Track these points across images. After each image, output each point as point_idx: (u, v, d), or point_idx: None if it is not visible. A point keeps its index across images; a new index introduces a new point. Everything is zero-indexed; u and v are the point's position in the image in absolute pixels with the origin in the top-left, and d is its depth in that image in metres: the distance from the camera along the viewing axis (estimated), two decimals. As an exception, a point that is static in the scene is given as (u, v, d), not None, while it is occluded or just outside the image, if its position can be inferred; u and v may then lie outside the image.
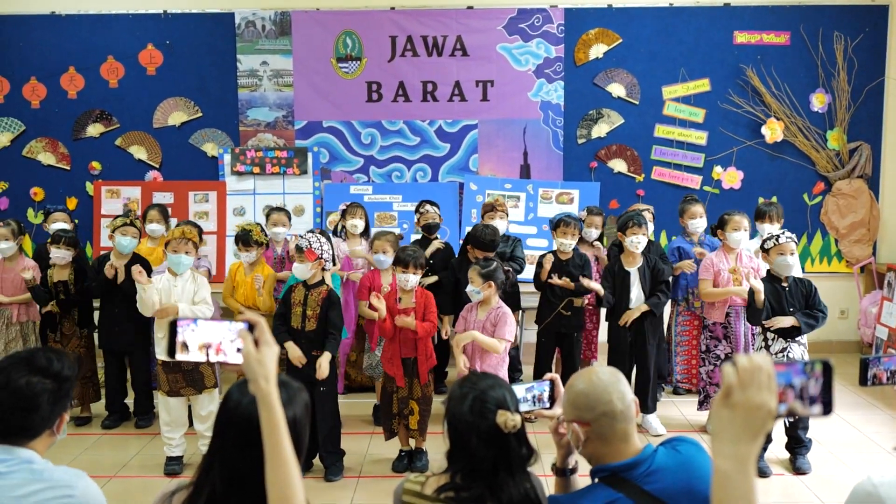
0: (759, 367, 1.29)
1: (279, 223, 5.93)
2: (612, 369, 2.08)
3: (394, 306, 4.59)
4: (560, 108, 7.19)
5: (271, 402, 1.56)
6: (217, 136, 7.26)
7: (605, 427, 1.98)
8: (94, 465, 4.80)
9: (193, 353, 1.63)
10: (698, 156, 7.20)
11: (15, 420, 2.00)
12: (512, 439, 1.99)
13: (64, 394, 2.07)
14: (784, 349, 4.55)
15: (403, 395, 4.61)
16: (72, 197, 7.28)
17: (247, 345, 1.57)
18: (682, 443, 2.05)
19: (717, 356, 5.21)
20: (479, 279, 4.43)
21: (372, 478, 4.62)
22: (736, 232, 5.11)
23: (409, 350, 4.60)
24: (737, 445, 1.29)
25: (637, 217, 5.16)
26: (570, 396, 2.04)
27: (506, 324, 4.44)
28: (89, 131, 7.27)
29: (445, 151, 7.24)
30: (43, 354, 2.06)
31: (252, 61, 7.19)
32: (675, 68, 7.15)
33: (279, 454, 1.55)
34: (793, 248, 4.52)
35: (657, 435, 5.11)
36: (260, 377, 1.56)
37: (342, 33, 7.17)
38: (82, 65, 7.22)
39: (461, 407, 2.02)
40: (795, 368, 1.33)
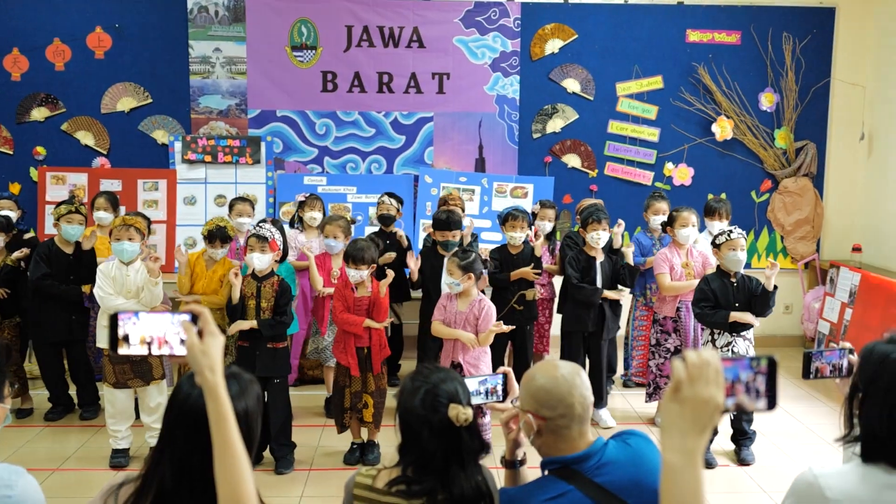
0: (708, 362, 1.31)
1: (244, 213, 5.80)
2: (573, 366, 2.09)
3: (349, 295, 4.56)
4: (515, 103, 7.21)
5: (218, 393, 1.53)
6: (168, 122, 7.12)
7: (561, 425, 2.00)
8: (35, 458, 4.70)
9: (135, 347, 1.59)
10: (650, 152, 7.29)
11: None
12: (464, 432, 1.99)
13: None
14: (729, 343, 4.64)
15: (357, 389, 4.58)
16: (15, 182, 7.07)
17: (190, 336, 1.54)
18: (632, 436, 2.07)
19: (666, 349, 5.29)
20: (458, 271, 4.38)
21: (323, 470, 4.59)
22: (684, 228, 5.19)
23: (364, 340, 4.56)
24: (685, 439, 1.31)
25: (596, 213, 5.21)
26: (531, 389, 2.04)
27: (491, 317, 4.42)
28: (34, 115, 7.06)
29: (401, 143, 7.21)
30: None
31: (204, 47, 7.06)
32: (628, 65, 7.23)
33: (228, 446, 1.52)
34: (743, 244, 4.61)
35: (607, 427, 5.18)
36: (205, 368, 1.53)
37: (297, 21, 7.08)
38: (27, 45, 7.00)
39: (413, 400, 2.02)
40: (742, 364, 1.35)
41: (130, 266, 4.63)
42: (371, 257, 4.56)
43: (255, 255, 4.48)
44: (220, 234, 5.00)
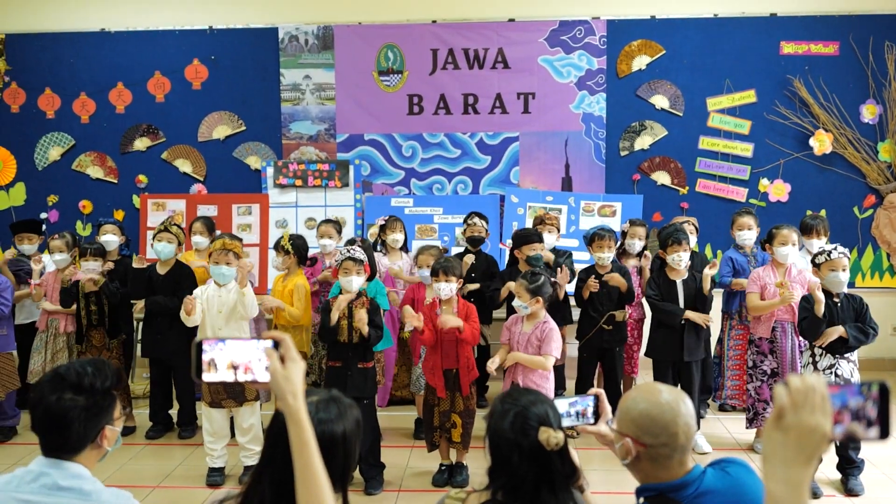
0: (813, 388, 1.24)
1: (326, 235, 5.92)
2: (677, 391, 2.01)
3: (434, 318, 4.57)
4: (602, 120, 7.13)
5: (300, 418, 1.56)
6: (260, 149, 7.35)
7: (662, 454, 1.92)
8: (138, 475, 4.85)
9: (221, 373, 1.64)
10: (744, 168, 7.07)
11: (52, 438, 2.02)
12: (554, 457, 1.95)
13: (100, 408, 2.04)
14: (832, 365, 4.42)
15: (445, 409, 4.58)
16: (119, 210, 7.42)
17: (273, 362, 1.58)
18: (732, 464, 1.99)
19: (763, 371, 5.09)
20: (526, 294, 4.36)
21: (412, 492, 4.59)
22: (783, 246, 5.00)
23: (451, 361, 4.55)
24: (789, 469, 1.24)
25: (676, 234, 5.06)
26: (633, 414, 1.97)
27: (552, 340, 4.38)
28: (136, 145, 7.41)
29: (486, 164, 7.22)
30: (76, 368, 2.04)
31: (295, 75, 7.27)
32: (719, 79, 7.05)
33: (309, 471, 1.55)
34: (845, 264, 4.40)
35: (703, 453, 5.01)
36: (287, 394, 1.56)
37: (384, 47, 7.21)
38: (130, 80, 7.37)
39: (502, 423, 1.99)
40: (851, 390, 1.28)
41: (224, 287, 4.79)
42: (459, 271, 4.58)
43: (353, 277, 4.54)
44: (275, 246, 5.32)
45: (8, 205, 7.49)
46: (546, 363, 4.35)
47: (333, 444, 1.75)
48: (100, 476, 2.06)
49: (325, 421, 1.75)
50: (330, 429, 1.75)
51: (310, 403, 1.73)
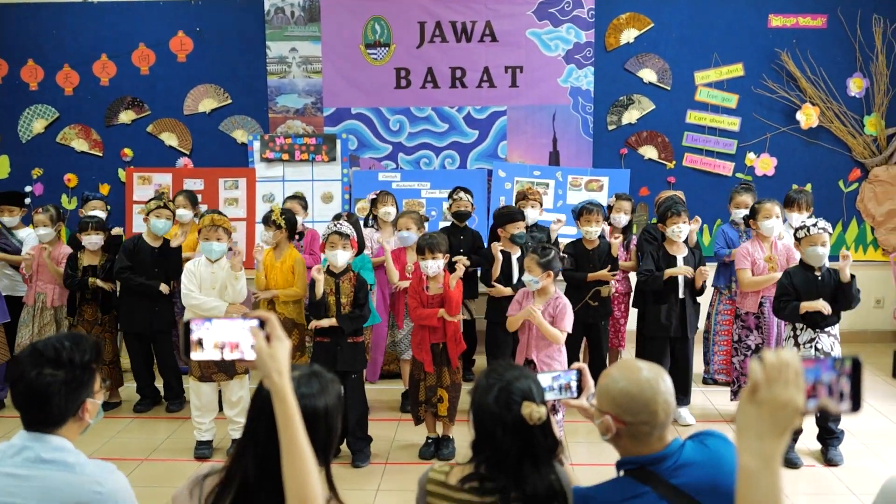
0: (787, 363, 1.26)
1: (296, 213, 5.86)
2: (656, 368, 2.02)
3: (422, 294, 4.58)
4: (590, 94, 7.12)
5: (285, 395, 1.58)
6: (247, 122, 7.30)
7: (642, 431, 1.95)
8: (124, 449, 4.88)
9: (209, 352, 1.66)
10: (731, 142, 7.09)
11: (33, 412, 2.03)
12: (537, 431, 1.97)
13: (80, 382, 2.05)
14: (812, 339, 4.47)
15: (432, 383, 4.60)
16: (104, 183, 7.38)
17: (259, 341, 1.61)
18: (710, 437, 2.02)
19: (747, 346, 5.14)
20: (537, 268, 4.31)
21: (399, 464, 4.64)
22: (767, 220, 5.03)
23: (439, 335, 4.57)
24: (762, 442, 1.27)
25: (675, 206, 5.06)
26: (612, 392, 1.99)
27: (566, 315, 4.34)
28: (121, 118, 7.35)
29: (474, 138, 7.21)
30: (54, 343, 2.05)
31: (281, 48, 7.21)
32: (707, 53, 7.05)
33: (295, 447, 1.58)
34: (825, 239, 4.42)
35: (686, 425, 5.07)
36: (273, 371, 1.59)
37: (371, 19, 7.15)
38: (114, 52, 7.30)
39: (486, 398, 2.01)
40: (825, 365, 1.30)
41: (216, 263, 4.79)
42: (444, 247, 4.58)
43: (338, 252, 4.54)
44: (264, 218, 5.19)
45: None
46: (559, 336, 4.33)
47: (315, 418, 1.77)
48: (87, 449, 2.08)
49: (306, 396, 1.77)
50: (312, 403, 1.77)
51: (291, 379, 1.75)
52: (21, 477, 1.98)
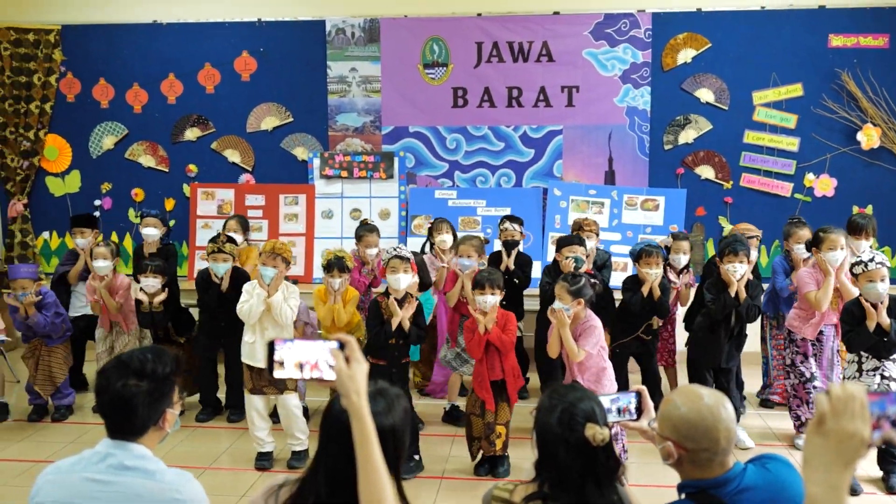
0: (853, 395, 1.30)
1: (372, 245, 5.86)
2: (718, 395, 2.05)
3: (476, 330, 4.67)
4: (646, 114, 7.13)
5: (363, 415, 1.67)
6: (307, 140, 7.48)
7: (703, 458, 1.98)
8: (188, 457, 5.02)
9: (289, 370, 1.75)
10: (789, 162, 7.02)
11: (118, 421, 2.15)
12: (600, 452, 2.02)
13: (162, 393, 2.17)
14: (877, 368, 4.40)
15: (490, 420, 4.61)
16: (170, 198, 7.62)
17: (339, 362, 1.69)
18: (772, 461, 2.04)
19: (801, 373, 5.09)
20: (567, 296, 4.39)
21: (454, 479, 4.69)
22: (832, 251, 4.86)
23: (497, 372, 4.62)
24: (829, 473, 1.31)
25: (734, 245, 4.92)
26: (674, 419, 2.02)
27: (591, 335, 4.40)
28: (187, 135, 7.59)
29: (530, 157, 7.27)
30: (139, 355, 2.17)
31: (341, 67, 7.38)
32: (766, 73, 7.00)
33: (371, 464, 1.65)
34: (884, 274, 4.29)
35: (745, 448, 5.03)
36: (351, 392, 1.67)
37: (429, 39, 7.28)
38: (181, 71, 7.55)
39: (550, 418, 2.06)
40: (890, 398, 1.34)
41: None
42: (499, 284, 4.65)
43: (400, 275, 4.67)
44: (339, 265, 5.07)
45: (63, 192, 7.73)
46: (577, 352, 4.37)
47: (383, 436, 1.82)
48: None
49: (375, 414, 1.81)
50: (379, 421, 1.82)
51: None
52: (105, 483, 2.09)
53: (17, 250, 7.63)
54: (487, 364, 4.62)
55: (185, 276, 7.18)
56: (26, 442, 5.36)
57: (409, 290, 4.78)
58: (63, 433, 5.51)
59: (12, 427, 5.65)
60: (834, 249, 4.87)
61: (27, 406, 5.83)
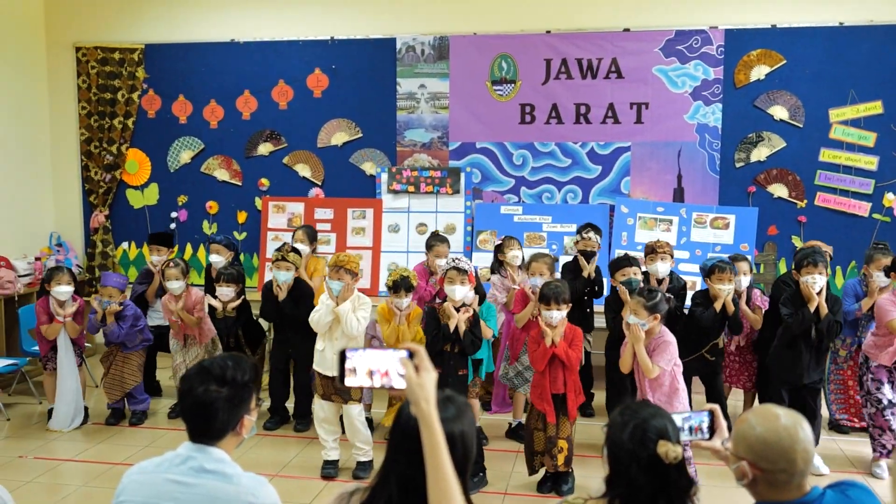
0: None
1: (442, 255, 5.84)
2: (795, 416, 2.02)
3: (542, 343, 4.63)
4: (717, 131, 7.02)
5: (432, 422, 1.69)
6: (375, 155, 7.60)
7: (780, 479, 1.95)
8: (256, 463, 5.10)
9: (361, 378, 1.79)
10: (867, 181, 6.82)
11: (199, 424, 2.22)
12: (672, 470, 2.00)
13: (241, 399, 2.24)
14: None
15: (552, 434, 4.60)
16: (242, 211, 7.83)
17: (408, 371, 1.72)
18: (852, 487, 1.99)
19: (878, 400, 4.93)
20: (644, 311, 4.36)
21: (518, 495, 4.68)
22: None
23: (559, 386, 4.60)
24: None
25: (813, 255, 4.85)
26: (750, 439, 2.00)
27: (664, 352, 4.37)
28: (260, 150, 7.80)
29: (597, 173, 7.23)
30: (219, 363, 2.25)
31: (411, 84, 7.49)
32: (843, 90, 6.83)
33: (440, 471, 1.67)
34: None
35: (819, 475, 4.88)
36: (421, 399, 1.70)
37: (498, 56, 7.33)
38: (256, 88, 7.77)
39: (622, 435, 2.05)
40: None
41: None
42: (568, 296, 4.63)
43: (457, 286, 4.71)
44: (405, 285, 5.04)
45: (142, 204, 8.02)
46: (650, 368, 4.34)
47: (452, 442, 1.84)
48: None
49: (444, 420, 1.83)
50: (449, 428, 1.83)
51: None
52: (186, 484, 2.16)
53: (97, 260, 7.94)
54: (550, 377, 4.59)
55: (255, 288, 7.34)
56: (105, 444, 5.56)
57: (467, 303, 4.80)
58: (139, 437, 5.69)
59: (91, 430, 5.86)
60: None
61: (105, 410, 6.04)
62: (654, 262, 5.49)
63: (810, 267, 4.83)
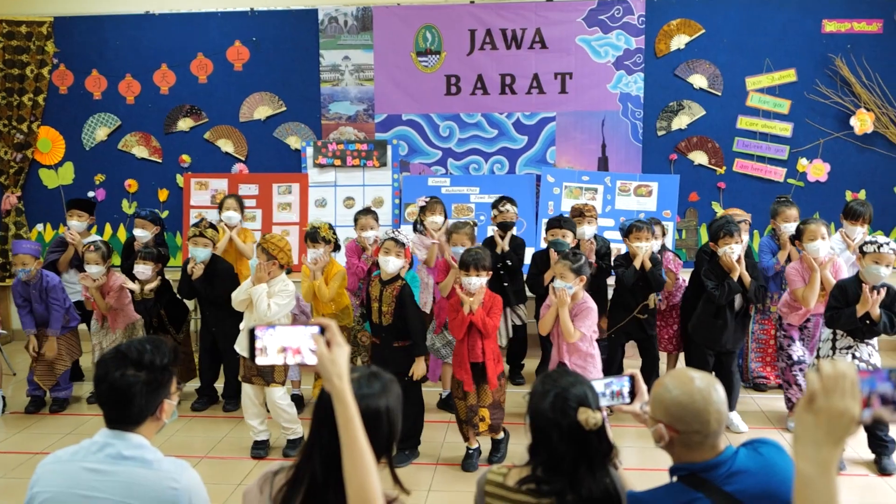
0: (843, 374, 1.31)
1: (367, 227, 5.81)
2: (709, 378, 2.06)
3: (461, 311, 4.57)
4: (639, 100, 7.13)
5: (345, 398, 1.67)
6: (300, 129, 7.47)
7: (694, 440, 2.00)
8: (185, 446, 5.04)
9: (272, 356, 1.75)
10: (783, 148, 7.03)
11: (116, 410, 2.16)
12: (592, 436, 2.04)
13: (160, 383, 2.18)
14: (850, 347, 4.45)
15: (472, 403, 4.60)
16: (163, 188, 7.61)
17: (320, 346, 1.70)
18: (764, 445, 2.05)
19: (788, 356, 5.13)
20: (570, 274, 4.39)
21: (449, 465, 4.71)
22: (813, 242, 4.93)
23: (477, 355, 4.56)
24: (819, 449, 1.32)
25: (728, 226, 4.98)
26: (665, 402, 2.04)
27: (586, 318, 4.43)
28: (180, 125, 7.57)
29: (523, 144, 7.27)
30: (137, 346, 2.18)
31: (334, 56, 7.36)
32: (759, 59, 7.00)
33: (355, 446, 1.66)
34: (891, 261, 4.33)
35: (738, 432, 5.06)
36: (333, 375, 1.68)
37: (422, 28, 7.26)
38: (174, 62, 7.52)
39: (543, 403, 2.08)
40: (880, 375, 1.35)
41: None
42: (489, 263, 4.57)
43: (391, 258, 4.64)
44: (311, 235, 5.23)
45: (57, 184, 7.71)
46: (571, 332, 4.39)
47: (378, 417, 1.85)
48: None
49: (368, 396, 1.85)
50: (374, 403, 1.85)
51: (353, 380, 1.83)
52: (103, 472, 2.10)
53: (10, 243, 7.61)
54: (469, 345, 4.55)
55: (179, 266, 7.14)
56: (24, 434, 5.37)
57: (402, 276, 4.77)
58: (60, 424, 5.52)
59: (9, 420, 5.66)
60: (814, 240, 4.94)
61: (24, 398, 5.83)
62: (581, 224, 5.63)
63: (727, 238, 4.96)
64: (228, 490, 4.37)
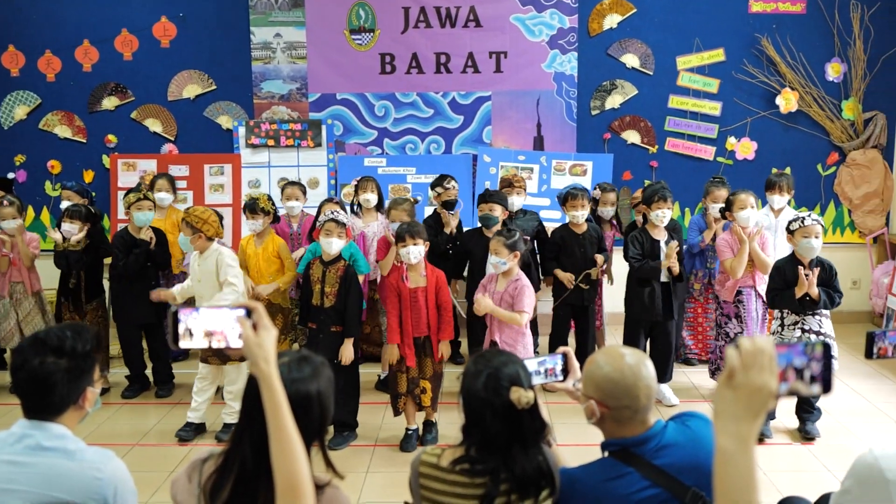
0: (761, 349, 1.34)
1: (293, 197, 5.97)
2: (638, 354, 2.10)
3: (402, 286, 4.53)
4: (574, 80, 7.17)
5: (272, 382, 1.64)
6: (231, 108, 7.30)
7: (624, 415, 2.03)
8: (114, 434, 4.92)
9: (197, 340, 1.70)
10: (712, 126, 7.18)
11: (35, 400, 2.08)
12: (525, 414, 2.05)
13: (81, 371, 2.10)
14: (797, 322, 4.57)
15: (414, 375, 4.58)
16: (88, 170, 7.36)
17: (246, 330, 1.66)
18: (692, 418, 2.10)
19: (726, 333, 5.26)
20: (504, 250, 4.39)
21: (387, 447, 4.71)
22: (743, 210, 5.05)
23: (422, 329, 4.55)
24: (739, 424, 1.35)
25: (662, 191, 5.13)
26: (596, 378, 2.07)
27: (525, 296, 4.42)
28: (105, 104, 7.32)
29: (459, 123, 7.25)
30: (57, 332, 2.10)
31: (265, 33, 7.20)
32: (689, 38, 7.12)
33: (282, 432, 1.63)
34: (818, 231, 4.45)
35: (670, 405, 5.18)
36: (260, 359, 1.64)
37: (355, 5, 7.16)
38: (96, 38, 7.25)
39: (476, 384, 2.08)
40: (796, 350, 1.38)
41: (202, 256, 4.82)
42: (419, 232, 4.49)
43: (333, 240, 4.57)
44: (249, 206, 5.31)
45: (-26, 165, 7.39)
46: (519, 319, 4.42)
47: (308, 402, 1.83)
48: (78, 435, 2.12)
49: (298, 380, 1.83)
50: (305, 388, 1.83)
51: (282, 365, 1.81)
52: (22, 464, 2.02)
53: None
54: (413, 320, 4.53)
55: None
56: (-58, 426, 5.16)
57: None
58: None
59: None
60: (744, 209, 5.06)
61: (-58, 389, 5.62)
62: (511, 194, 5.72)
63: (660, 202, 5.10)
64: (160, 478, 4.28)
